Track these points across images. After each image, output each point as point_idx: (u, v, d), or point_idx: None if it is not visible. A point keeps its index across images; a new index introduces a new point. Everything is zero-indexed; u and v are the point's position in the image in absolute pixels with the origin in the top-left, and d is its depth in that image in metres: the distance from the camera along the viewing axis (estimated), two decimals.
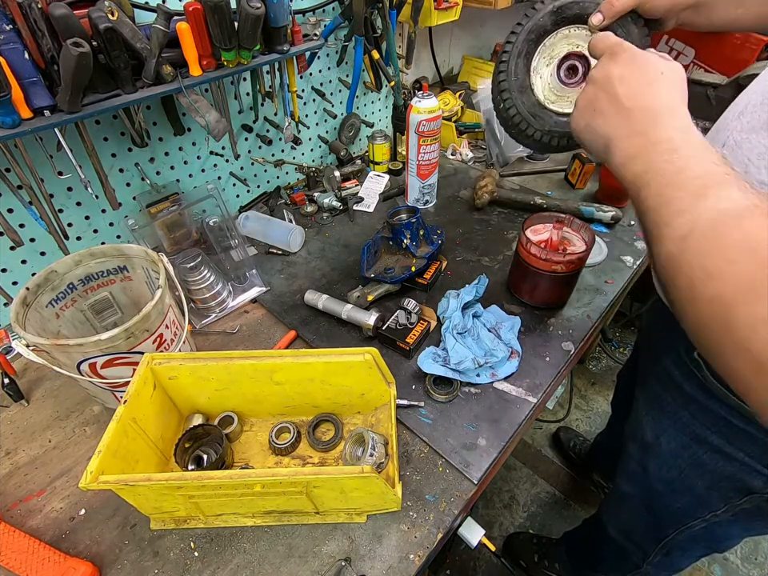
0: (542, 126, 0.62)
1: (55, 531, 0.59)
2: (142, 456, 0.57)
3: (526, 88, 0.62)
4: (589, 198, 1.16)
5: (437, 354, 0.73)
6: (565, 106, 0.62)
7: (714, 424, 0.62)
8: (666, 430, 0.71)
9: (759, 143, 0.45)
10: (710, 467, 0.65)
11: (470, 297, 0.81)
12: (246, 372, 0.61)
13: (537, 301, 0.85)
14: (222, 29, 0.70)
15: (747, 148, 0.46)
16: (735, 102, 0.53)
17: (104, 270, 0.71)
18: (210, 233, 0.89)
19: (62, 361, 0.59)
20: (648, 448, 0.76)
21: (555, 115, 0.62)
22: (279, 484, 0.50)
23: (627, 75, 0.43)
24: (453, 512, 0.60)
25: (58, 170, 0.74)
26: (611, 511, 0.98)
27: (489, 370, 0.74)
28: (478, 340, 0.77)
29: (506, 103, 0.63)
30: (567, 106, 0.62)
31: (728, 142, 0.48)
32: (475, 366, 0.71)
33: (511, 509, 1.56)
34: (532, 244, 0.77)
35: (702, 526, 0.73)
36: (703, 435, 0.64)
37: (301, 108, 1.12)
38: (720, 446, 0.62)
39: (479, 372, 0.73)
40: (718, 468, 0.64)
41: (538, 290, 0.83)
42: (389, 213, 0.94)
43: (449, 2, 1.17)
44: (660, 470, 0.75)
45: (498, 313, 0.83)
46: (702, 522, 0.72)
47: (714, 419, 0.61)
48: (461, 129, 1.37)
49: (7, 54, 0.58)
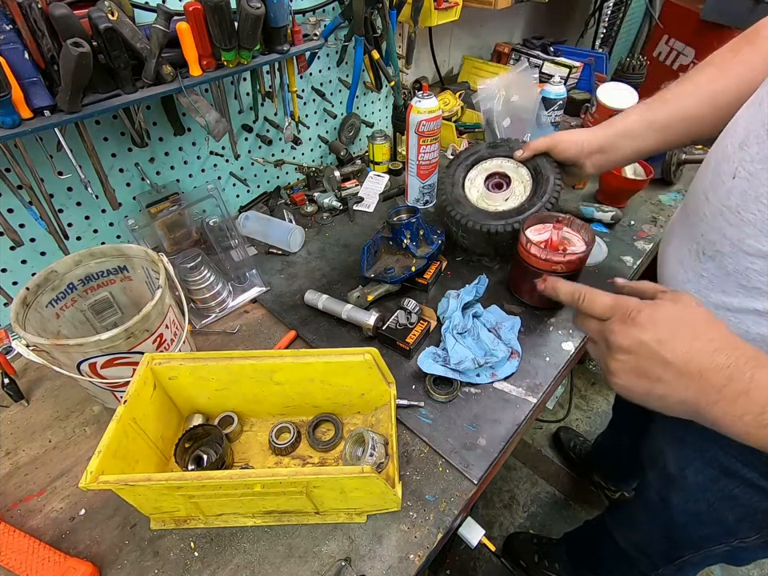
0: (462, 210, 0.88)
1: (55, 531, 0.59)
2: (141, 456, 0.57)
3: (456, 184, 0.92)
4: (589, 198, 1.16)
5: (437, 354, 0.73)
6: (482, 202, 0.91)
7: (746, 457, 0.59)
8: (692, 462, 0.67)
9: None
10: (743, 501, 0.62)
11: (469, 297, 0.81)
12: (245, 372, 0.61)
13: (537, 301, 0.84)
14: (222, 29, 0.70)
15: (766, 177, 0.45)
16: (729, 132, 0.52)
17: (104, 269, 0.71)
18: (210, 233, 0.89)
19: (62, 361, 0.59)
20: (671, 480, 0.72)
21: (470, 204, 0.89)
22: (279, 484, 0.50)
23: (664, 338, 0.41)
24: (453, 512, 0.60)
25: (58, 169, 0.74)
26: (622, 527, 0.95)
27: (489, 370, 0.74)
28: (477, 340, 0.76)
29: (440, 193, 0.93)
30: (485, 203, 0.91)
31: (739, 174, 0.48)
32: (475, 366, 0.71)
33: (511, 509, 1.56)
34: (532, 244, 0.77)
35: (726, 549, 0.70)
36: (734, 468, 0.60)
37: (301, 108, 1.12)
38: (753, 480, 0.59)
39: (479, 372, 0.73)
40: (753, 502, 0.61)
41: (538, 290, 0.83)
42: (389, 213, 0.94)
43: (449, 2, 1.17)
44: (685, 504, 0.71)
45: (498, 313, 0.83)
46: (726, 546, 0.69)
47: (746, 452, 0.57)
48: (461, 129, 1.37)
49: (7, 54, 0.58)
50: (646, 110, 0.71)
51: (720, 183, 0.51)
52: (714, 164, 0.53)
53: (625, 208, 1.11)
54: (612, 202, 1.10)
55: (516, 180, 0.90)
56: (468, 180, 0.94)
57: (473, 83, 1.56)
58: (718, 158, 0.52)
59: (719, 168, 0.52)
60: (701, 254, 0.54)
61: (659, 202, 1.15)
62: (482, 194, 0.92)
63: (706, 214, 0.53)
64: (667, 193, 1.17)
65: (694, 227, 0.56)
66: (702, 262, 0.54)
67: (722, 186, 0.50)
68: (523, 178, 0.89)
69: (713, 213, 0.52)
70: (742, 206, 0.47)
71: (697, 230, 0.55)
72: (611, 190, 1.09)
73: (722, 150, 0.52)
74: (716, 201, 0.51)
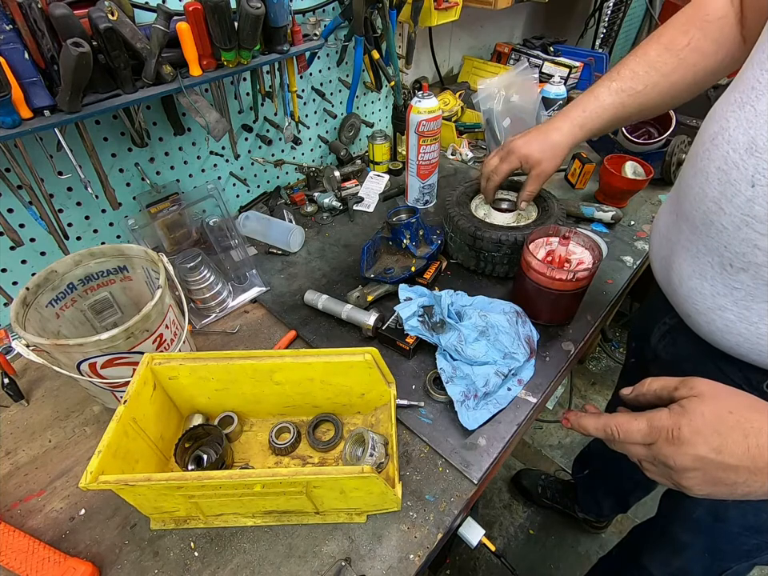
0: (460, 211, 0.91)
1: (55, 531, 0.59)
2: (141, 456, 0.57)
3: (463, 203, 0.94)
4: (589, 198, 1.16)
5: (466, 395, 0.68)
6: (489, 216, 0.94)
7: None
8: None
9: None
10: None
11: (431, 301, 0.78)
12: (246, 372, 0.61)
13: (548, 319, 0.81)
14: (222, 29, 0.70)
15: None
16: (721, 135, 0.51)
17: (104, 270, 0.71)
18: (210, 233, 0.89)
19: (62, 361, 0.59)
20: None
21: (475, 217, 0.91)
22: (279, 484, 0.50)
23: (717, 445, 0.41)
24: (453, 512, 0.60)
25: (58, 169, 0.74)
26: (659, 559, 0.93)
27: (513, 378, 0.72)
28: (495, 341, 0.73)
29: (447, 204, 0.94)
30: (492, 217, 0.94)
31: (759, 182, 0.47)
32: (500, 378, 0.69)
33: (511, 509, 1.56)
34: (538, 261, 0.73)
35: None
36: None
37: (301, 108, 1.12)
38: None
39: (509, 385, 0.71)
40: None
41: (544, 309, 0.79)
42: (389, 213, 0.94)
43: (449, 2, 1.17)
44: (744, 518, 0.70)
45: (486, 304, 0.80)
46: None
47: None
48: (461, 129, 1.37)
49: (7, 54, 0.58)
50: (620, 106, 0.74)
51: (736, 192, 0.49)
52: (718, 171, 0.51)
53: (625, 208, 1.11)
54: (612, 201, 1.10)
55: None
56: (475, 200, 0.97)
57: (473, 83, 1.56)
58: (720, 165, 0.51)
59: (728, 176, 0.50)
60: (727, 267, 0.52)
61: (659, 201, 1.15)
62: (486, 214, 0.95)
63: (725, 226, 0.51)
64: (667, 193, 1.18)
65: (711, 239, 0.53)
66: (732, 275, 0.52)
67: (740, 196, 0.48)
68: None
69: (735, 224, 0.50)
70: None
71: (715, 242, 0.53)
72: (611, 190, 1.09)
73: (723, 157, 0.50)
74: (735, 211, 0.49)
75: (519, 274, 0.80)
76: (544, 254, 0.79)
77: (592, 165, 1.14)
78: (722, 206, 0.51)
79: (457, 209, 0.91)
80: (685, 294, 0.60)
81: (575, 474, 1.47)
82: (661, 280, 0.66)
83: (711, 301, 0.56)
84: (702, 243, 0.55)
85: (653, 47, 0.71)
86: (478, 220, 0.88)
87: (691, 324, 0.61)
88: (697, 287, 0.57)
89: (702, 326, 0.59)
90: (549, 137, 0.78)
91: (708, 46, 0.66)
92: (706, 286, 0.56)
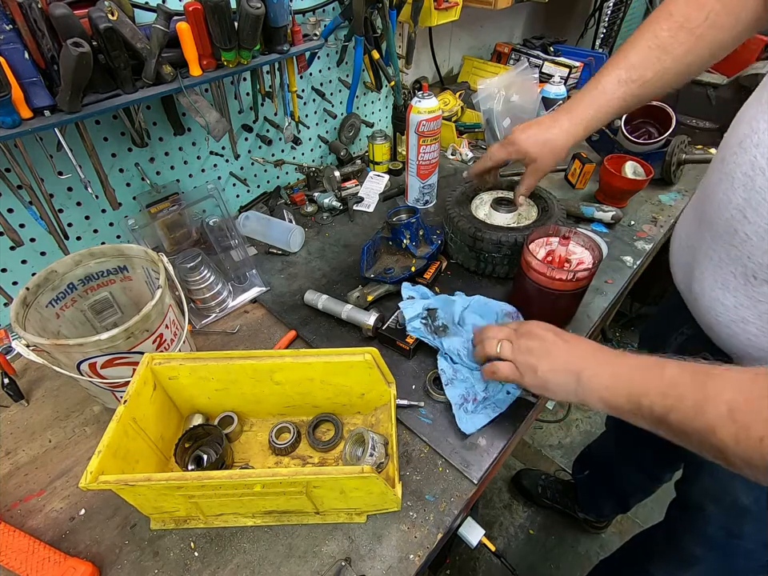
0: (460, 211, 0.91)
1: (55, 531, 0.59)
2: (141, 456, 0.57)
3: (463, 203, 0.94)
4: (589, 198, 1.16)
5: (465, 398, 0.68)
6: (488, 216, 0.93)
7: None
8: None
9: None
10: None
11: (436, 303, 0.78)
12: (246, 372, 0.61)
13: (545, 320, 0.79)
14: (222, 29, 0.70)
15: None
16: (749, 140, 0.49)
17: (104, 269, 0.71)
18: (210, 233, 0.89)
19: (62, 361, 0.59)
20: (744, 512, 0.69)
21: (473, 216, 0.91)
22: (279, 484, 0.50)
23: None
24: (453, 512, 0.60)
25: (58, 169, 0.74)
26: (666, 569, 0.92)
27: None
28: None
29: (447, 204, 0.94)
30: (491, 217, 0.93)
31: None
32: (500, 382, 0.68)
33: (511, 509, 1.56)
34: (538, 262, 0.73)
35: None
36: None
37: (301, 108, 1.12)
38: None
39: (507, 388, 0.70)
40: None
41: (544, 309, 0.77)
42: (388, 213, 0.94)
43: (449, 2, 1.17)
44: (758, 533, 0.69)
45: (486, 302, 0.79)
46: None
47: None
48: (461, 129, 1.37)
49: (7, 54, 0.58)
50: (628, 97, 0.69)
51: (761, 201, 0.47)
52: (743, 177, 0.49)
53: (625, 208, 1.11)
54: (612, 201, 1.10)
55: None
56: (475, 201, 0.97)
57: (473, 83, 1.55)
58: (747, 171, 0.49)
59: (753, 183, 0.48)
60: (751, 278, 0.50)
61: (659, 201, 1.15)
62: (487, 215, 0.94)
63: (749, 235, 0.49)
64: (667, 193, 1.18)
65: (734, 248, 0.52)
66: (756, 287, 0.50)
67: (765, 205, 0.47)
68: (529, 203, 0.93)
69: (759, 234, 0.48)
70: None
71: (738, 252, 0.51)
72: (611, 190, 1.09)
73: (750, 162, 0.48)
74: (760, 220, 0.48)
75: (519, 274, 0.79)
76: (544, 254, 0.79)
77: (592, 165, 1.14)
78: (747, 215, 0.49)
79: (457, 209, 0.91)
80: (707, 305, 0.57)
81: (575, 474, 1.47)
82: (682, 288, 0.64)
83: (734, 313, 0.53)
84: (724, 252, 0.53)
85: (664, 26, 0.64)
86: (478, 221, 0.88)
87: (712, 336, 0.59)
88: (719, 298, 0.55)
89: (724, 339, 0.57)
90: (550, 133, 0.75)
91: (726, 20, 0.60)
92: (728, 296, 0.54)
